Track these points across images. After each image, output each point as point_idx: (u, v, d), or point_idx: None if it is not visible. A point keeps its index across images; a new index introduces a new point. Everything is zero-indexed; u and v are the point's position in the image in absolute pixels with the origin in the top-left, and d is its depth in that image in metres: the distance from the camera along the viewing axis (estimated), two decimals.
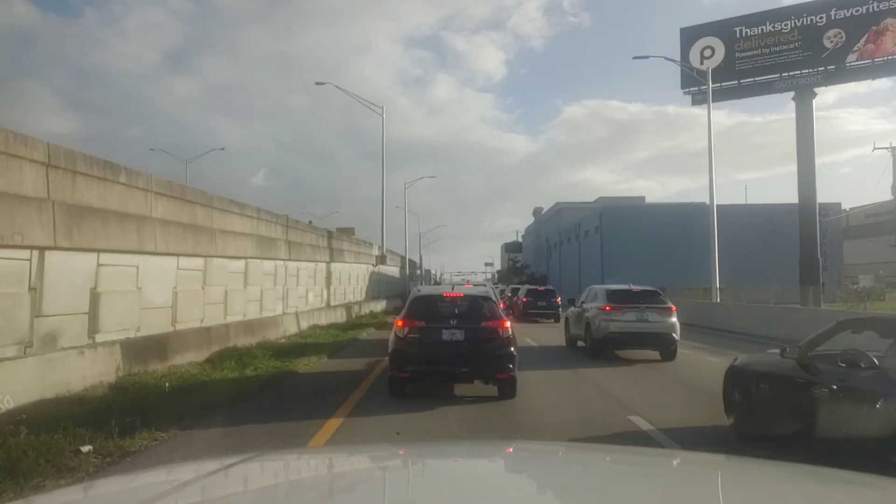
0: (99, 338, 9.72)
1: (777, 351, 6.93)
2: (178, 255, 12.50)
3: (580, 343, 16.67)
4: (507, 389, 9.56)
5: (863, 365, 5.62)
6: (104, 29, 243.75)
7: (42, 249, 8.46)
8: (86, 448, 5.98)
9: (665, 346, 14.70)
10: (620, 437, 7.32)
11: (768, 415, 7.02)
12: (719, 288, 27.68)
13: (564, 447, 3.43)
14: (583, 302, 17.06)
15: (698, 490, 1.95)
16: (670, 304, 15.56)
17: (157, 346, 11.23)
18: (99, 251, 9.80)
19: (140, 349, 10.60)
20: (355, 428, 7.65)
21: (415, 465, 2.36)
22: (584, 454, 2.72)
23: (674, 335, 14.68)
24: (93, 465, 5.74)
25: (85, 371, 8.93)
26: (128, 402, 8.01)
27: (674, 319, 14.92)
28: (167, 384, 9.58)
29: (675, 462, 2.67)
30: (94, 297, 9.69)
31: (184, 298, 12.71)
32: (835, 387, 5.76)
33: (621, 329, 14.70)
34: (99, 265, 9.84)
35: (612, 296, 15.53)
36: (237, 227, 16.19)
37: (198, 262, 13.50)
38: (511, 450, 2.83)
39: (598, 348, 15.10)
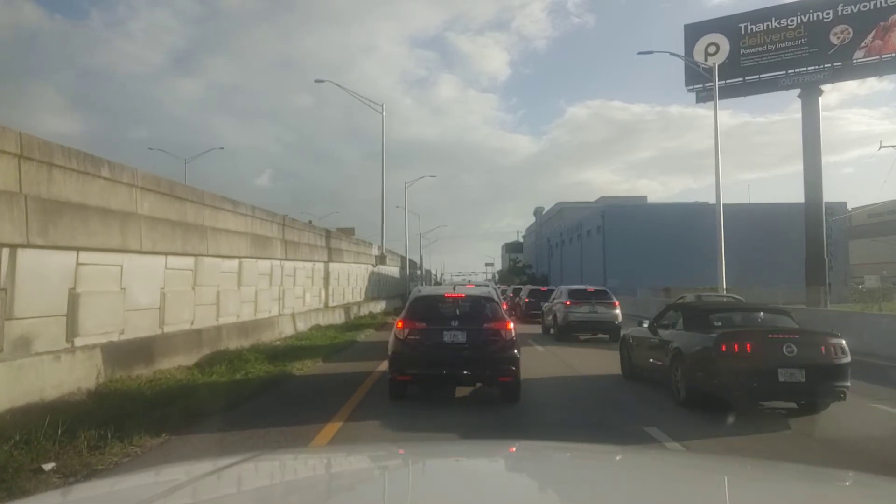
0: (78, 341, 9.14)
1: (646, 324, 11.44)
2: (166, 253, 11.92)
3: (552, 331, 21.33)
4: (511, 392, 9.26)
5: (670, 328, 10.38)
6: (110, 30, 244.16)
7: (13, 247, 7.87)
8: (48, 466, 5.39)
9: (610, 331, 19.29)
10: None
11: (637, 361, 11.45)
12: (725, 289, 27.03)
13: (567, 447, 3.39)
14: (554, 299, 22.29)
15: (701, 490, 1.94)
16: (615, 300, 20.57)
17: (142, 349, 10.65)
18: (78, 249, 9.22)
19: (123, 353, 10.03)
20: (352, 435, 7.22)
21: (417, 464, 2.31)
22: (587, 454, 2.70)
23: (616, 323, 19.40)
24: (53, 486, 5.13)
25: (61, 377, 8.35)
26: (105, 411, 7.42)
27: (617, 311, 20.00)
28: (150, 391, 9.02)
29: (678, 463, 2.65)
30: (73, 299, 9.11)
31: (172, 299, 12.13)
32: (658, 340, 10.45)
33: (578, 318, 19.84)
34: (78, 264, 9.26)
35: (572, 294, 20.72)
36: (230, 226, 15.61)
37: (188, 262, 12.92)
38: (514, 449, 2.81)
39: (562, 332, 20.13)
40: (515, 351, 9.25)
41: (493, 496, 1.81)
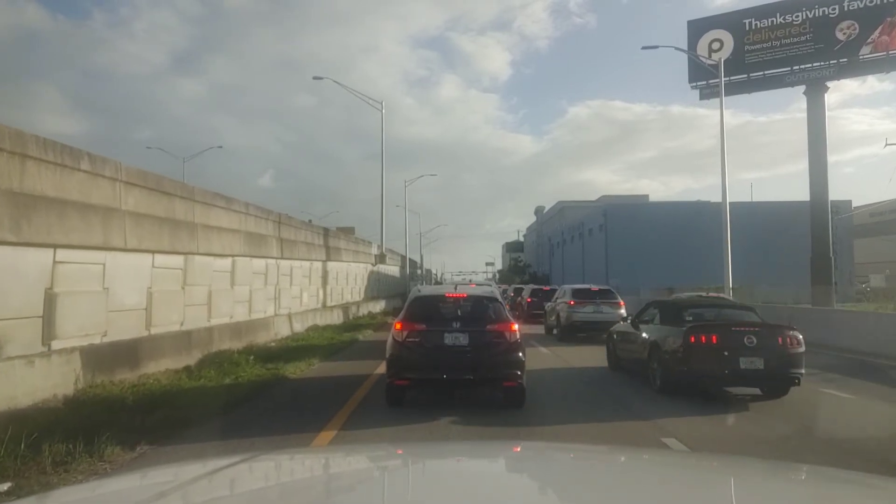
0: (56, 344, 8.58)
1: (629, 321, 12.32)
2: (153, 251, 11.37)
3: (555, 331, 20.86)
4: (515, 398, 8.78)
5: (649, 323, 11.29)
6: (112, 30, 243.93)
7: None
8: (4, 486, 4.84)
9: None
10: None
11: (621, 354, 12.38)
12: (732, 288, 26.47)
13: (570, 448, 3.34)
14: (557, 299, 21.81)
15: (703, 491, 1.94)
16: (620, 300, 20.16)
17: (126, 352, 10.10)
18: (56, 247, 8.67)
19: (106, 356, 9.48)
20: (348, 444, 6.69)
21: (418, 465, 2.28)
22: (590, 455, 2.68)
23: (622, 323, 19.69)
24: None
25: (35, 383, 7.80)
26: (79, 420, 6.88)
27: (622, 311, 18.88)
28: (132, 397, 8.46)
29: (681, 464, 2.64)
30: (50, 299, 8.55)
31: (160, 299, 11.57)
32: (639, 334, 11.31)
33: (582, 318, 19.38)
34: (56, 262, 8.71)
35: (576, 293, 20.32)
36: (223, 223, 15.05)
37: (177, 260, 12.37)
38: (516, 450, 2.77)
39: (565, 333, 19.75)
40: (520, 354, 8.76)
41: (494, 497, 1.78)
